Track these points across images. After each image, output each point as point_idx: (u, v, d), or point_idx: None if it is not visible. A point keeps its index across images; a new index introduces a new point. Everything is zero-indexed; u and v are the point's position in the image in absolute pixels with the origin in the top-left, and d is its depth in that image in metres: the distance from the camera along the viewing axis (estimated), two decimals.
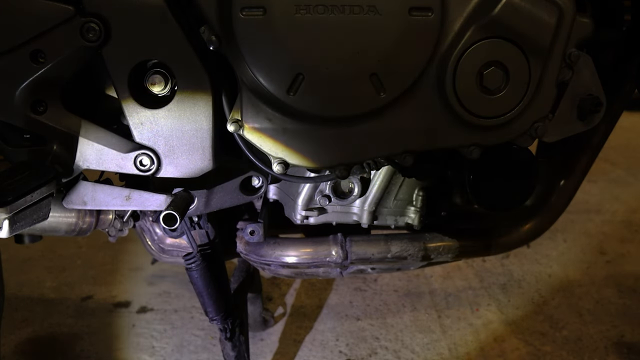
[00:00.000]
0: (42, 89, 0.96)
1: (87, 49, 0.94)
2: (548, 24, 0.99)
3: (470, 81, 1.00)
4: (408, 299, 2.17)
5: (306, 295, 2.20)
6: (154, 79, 0.99)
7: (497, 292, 2.22)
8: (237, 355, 1.44)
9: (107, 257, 2.48)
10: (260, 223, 1.29)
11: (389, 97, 0.99)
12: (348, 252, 1.32)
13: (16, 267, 2.36)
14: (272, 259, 1.34)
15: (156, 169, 1.03)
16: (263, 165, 1.08)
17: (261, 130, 1.02)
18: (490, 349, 1.87)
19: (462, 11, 0.97)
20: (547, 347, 1.87)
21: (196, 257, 1.28)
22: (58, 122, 0.98)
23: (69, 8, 0.92)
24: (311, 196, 1.28)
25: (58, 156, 1.01)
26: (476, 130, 1.04)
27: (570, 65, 1.04)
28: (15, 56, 0.93)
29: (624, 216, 2.93)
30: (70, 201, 1.08)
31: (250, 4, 0.94)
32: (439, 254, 1.37)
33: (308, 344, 1.90)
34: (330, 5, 0.94)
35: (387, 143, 1.03)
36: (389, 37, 0.95)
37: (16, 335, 1.93)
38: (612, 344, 1.88)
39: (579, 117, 1.08)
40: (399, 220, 1.35)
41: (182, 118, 1.00)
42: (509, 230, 1.45)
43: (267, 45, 0.95)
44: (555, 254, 2.53)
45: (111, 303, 2.14)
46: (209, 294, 1.30)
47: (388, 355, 1.84)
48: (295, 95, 0.98)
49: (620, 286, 2.24)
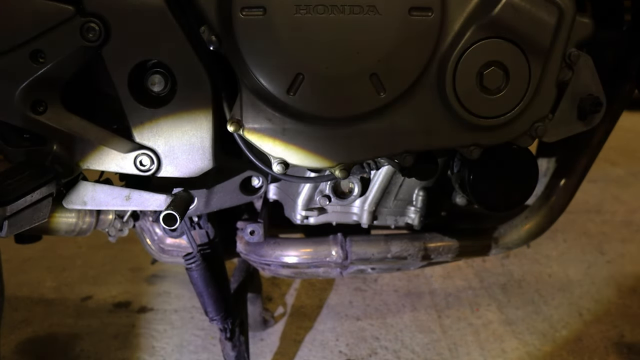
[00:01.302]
0: (42, 89, 0.95)
1: (87, 49, 0.94)
2: (548, 24, 0.99)
3: (470, 81, 1.00)
4: (408, 299, 2.17)
5: (306, 295, 2.20)
6: (154, 79, 0.99)
7: (497, 292, 2.22)
8: (237, 355, 1.44)
9: (107, 257, 2.48)
10: (260, 223, 1.29)
11: (389, 97, 0.99)
12: (348, 252, 1.32)
13: (16, 267, 2.36)
14: (272, 259, 1.34)
15: (156, 169, 1.03)
16: (263, 165, 1.08)
17: (261, 130, 1.02)
18: (490, 349, 1.87)
19: (462, 11, 0.97)
20: (547, 347, 1.87)
21: (196, 257, 1.28)
22: (58, 122, 0.98)
23: (69, 8, 0.92)
24: (311, 196, 1.28)
25: (58, 156, 1.00)
26: (476, 130, 1.04)
27: (570, 65, 1.04)
28: (15, 56, 0.93)
29: (624, 216, 2.93)
30: (70, 201, 1.08)
31: (250, 4, 0.94)
32: (439, 254, 1.37)
33: (308, 344, 1.90)
34: (330, 5, 0.94)
35: (387, 143, 1.03)
36: (389, 37, 0.95)
37: (16, 335, 1.93)
38: (612, 344, 1.88)
39: (579, 117, 1.08)
40: (399, 220, 1.35)
41: (182, 118, 1.00)
42: (509, 230, 1.45)
43: (267, 45, 0.95)
44: (555, 254, 2.53)
45: (111, 303, 2.14)
46: (209, 294, 1.30)
47: (388, 355, 1.84)
48: (295, 95, 0.97)
49: (620, 286, 2.24)
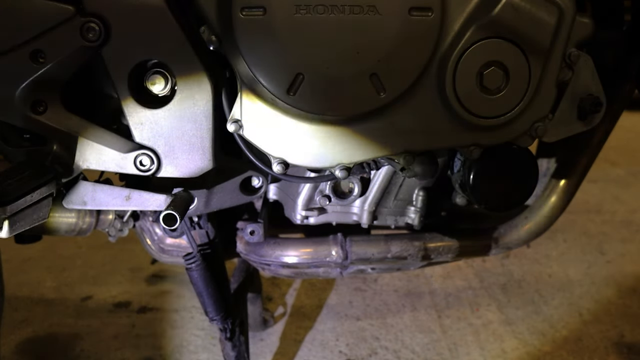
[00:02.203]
0: (42, 89, 0.95)
1: (87, 49, 0.94)
2: (548, 24, 0.99)
3: (470, 81, 1.00)
4: (408, 299, 2.17)
5: (306, 295, 2.20)
6: (154, 79, 0.99)
7: (497, 292, 2.22)
8: (237, 355, 1.44)
9: (107, 257, 2.48)
10: (260, 223, 1.29)
11: (389, 97, 0.99)
12: (348, 252, 1.32)
13: (16, 267, 2.36)
14: (272, 259, 1.34)
15: (156, 169, 1.03)
16: (263, 165, 1.08)
17: (261, 130, 1.02)
18: (490, 349, 1.87)
19: (462, 11, 0.97)
20: (547, 347, 1.87)
21: (196, 257, 1.28)
22: (58, 122, 0.98)
23: (69, 8, 0.92)
24: (311, 196, 1.28)
25: (58, 156, 1.00)
26: (476, 130, 1.04)
27: (570, 65, 1.04)
28: (15, 56, 0.93)
29: (624, 216, 2.93)
30: (70, 201, 1.08)
31: (250, 4, 0.94)
32: (439, 254, 1.37)
33: (308, 343, 1.90)
34: (330, 5, 0.93)
35: (387, 143, 1.03)
36: (389, 37, 0.95)
37: (16, 335, 1.93)
38: (612, 344, 1.88)
39: (579, 117, 1.08)
40: (399, 220, 1.35)
41: (182, 118, 1.00)
42: (509, 230, 1.45)
43: (267, 45, 0.95)
44: (555, 254, 2.53)
45: (111, 303, 2.14)
46: (209, 294, 1.30)
47: (388, 355, 1.84)
48: (295, 95, 0.97)
49: (620, 286, 2.24)
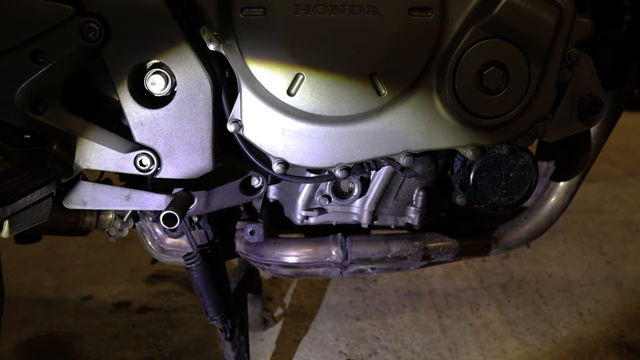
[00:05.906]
0: (42, 89, 0.95)
1: (87, 49, 0.94)
2: (548, 24, 0.99)
3: (470, 81, 1.00)
4: (408, 299, 2.17)
5: (306, 295, 2.20)
6: (154, 79, 0.99)
7: (497, 292, 2.22)
8: (237, 355, 1.44)
9: (107, 257, 2.48)
10: (260, 223, 1.29)
11: (389, 97, 0.99)
12: (348, 252, 1.32)
13: (16, 267, 2.36)
14: (272, 259, 1.34)
15: (156, 169, 1.03)
16: (263, 165, 1.08)
17: (261, 130, 1.02)
18: (490, 349, 1.87)
19: (462, 11, 0.97)
20: (547, 347, 1.87)
21: (196, 257, 1.28)
22: (58, 122, 0.98)
23: (69, 8, 0.92)
24: (311, 196, 1.28)
25: (58, 156, 1.00)
26: (476, 130, 1.04)
27: (570, 65, 1.04)
28: (15, 56, 0.93)
29: (624, 216, 2.93)
30: (70, 201, 1.08)
31: (250, 4, 0.94)
32: (439, 254, 1.37)
33: (308, 344, 1.90)
34: (330, 5, 0.94)
35: (387, 143, 1.03)
36: (389, 37, 0.95)
37: (16, 335, 1.93)
38: (612, 344, 1.88)
39: (579, 117, 1.08)
40: (399, 220, 1.35)
41: (182, 118, 1.00)
42: (509, 230, 1.45)
43: (267, 45, 0.95)
44: (555, 254, 2.53)
45: (111, 303, 2.14)
46: (209, 294, 1.30)
47: (388, 355, 1.84)
48: (295, 95, 0.98)
49: (620, 286, 2.24)
